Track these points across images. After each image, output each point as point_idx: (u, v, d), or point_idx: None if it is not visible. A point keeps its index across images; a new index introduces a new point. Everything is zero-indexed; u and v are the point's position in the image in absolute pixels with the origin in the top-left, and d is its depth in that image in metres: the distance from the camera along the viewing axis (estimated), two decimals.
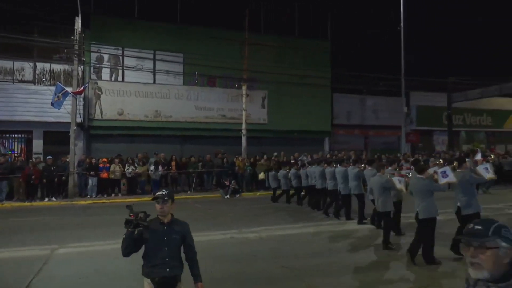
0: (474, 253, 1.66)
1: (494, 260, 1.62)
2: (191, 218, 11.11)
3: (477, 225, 1.72)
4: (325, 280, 5.73)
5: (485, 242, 1.64)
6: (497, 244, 1.63)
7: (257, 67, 18.76)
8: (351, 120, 24.58)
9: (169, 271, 3.32)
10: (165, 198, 3.43)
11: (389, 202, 7.71)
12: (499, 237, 1.64)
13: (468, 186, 6.79)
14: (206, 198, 15.63)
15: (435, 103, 25.85)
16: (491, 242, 1.63)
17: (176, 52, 19.28)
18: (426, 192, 6.51)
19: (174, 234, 3.42)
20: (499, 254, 1.62)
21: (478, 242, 1.65)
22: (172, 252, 3.36)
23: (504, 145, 29.47)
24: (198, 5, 20.91)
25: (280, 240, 8.25)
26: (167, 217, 3.46)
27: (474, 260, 1.65)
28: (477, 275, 1.66)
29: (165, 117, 19.47)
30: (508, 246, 1.63)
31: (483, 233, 1.66)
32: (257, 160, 18.21)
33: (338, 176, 10.63)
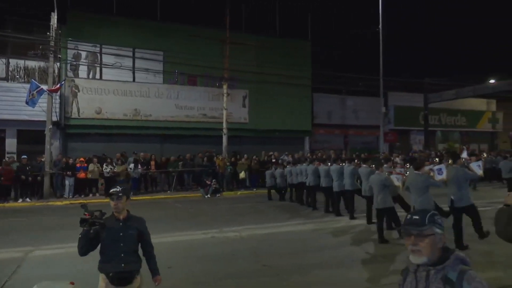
0: (414, 241, 1.83)
1: (431, 246, 1.81)
2: (172, 217, 11.05)
3: (415, 215, 1.89)
4: (304, 278, 5.78)
5: (423, 230, 1.82)
6: (433, 231, 1.83)
7: (238, 66, 18.73)
8: (331, 119, 24.88)
9: (124, 266, 3.35)
10: (119, 195, 3.42)
11: (389, 198, 7.96)
12: (434, 224, 1.84)
13: (461, 181, 7.12)
14: (186, 198, 15.51)
15: (412, 103, 26.48)
16: (428, 230, 1.82)
17: (156, 50, 19.04)
18: (423, 188, 6.85)
19: (130, 230, 3.44)
20: (435, 240, 1.82)
21: (417, 230, 1.83)
22: (128, 247, 3.39)
23: (478, 145, 30.48)
24: (179, 2, 20.74)
25: (260, 239, 8.26)
26: (123, 213, 3.47)
27: (415, 247, 1.83)
28: (417, 260, 1.84)
29: (144, 116, 19.19)
30: (441, 232, 1.84)
31: (421, 222, 1.84)
32: (238, 159, 18.21)
33: (334, 173, 10.93)
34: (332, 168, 11.15)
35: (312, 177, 11.95)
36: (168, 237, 8.42)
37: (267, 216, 11.10)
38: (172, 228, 9.27)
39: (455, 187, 7.14)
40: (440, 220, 1.87)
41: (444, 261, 1.81)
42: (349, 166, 10.60)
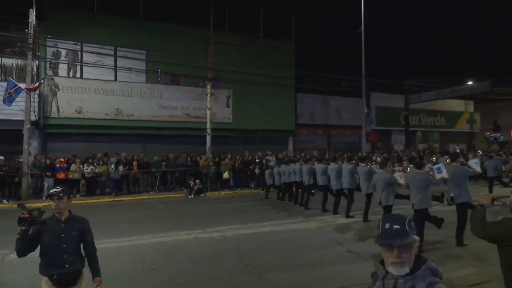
0: (398, 253, 1.69)
1: (412, 255, 1.71)
2: (155, 218, 10.94)
3: (395, 224, 1.73)
4: (288, 277, 5.81)
5: (407, 241, 1.69)
6: (415, 240, 1.71)
7: (222, 66, 18.67)
8: (314, 120, 25.08)
9: (68, 267, 3.32)
10: (60, 195, 3.38)
11: (392, 196, 8.26)
12: (413, 232, 1.72)
13: (460, 178, 7.46)
14: (169, 198, 15.39)
15: (393, 104, 26.93)
16: (410, 240, 1.70)
17: (139, 49, 18.80)
18: (423, 186, 7.15)
19: (72, 230, 3.42)
20: (414, 249, 1.72)
21: (400, 242, 1.69)
22: (69, 248, 3.36)
23: (456, 144, 31.26)
24: (162, 1, 20.54)
25: (244, 239, 8.27)
26: (64, 214, 3.44)
27: (398, 260, 1.69)
28: (399, 272, 1.71)
29: (126, 115, 18.93)
30: (418, 239, 1.73)
31: (404, 232, 1.70)
32: (222, 159, 18.16)
33: (332, 172, 11.18)
34: (330, 167, 11.42)
35: (308, 176, 12.18)
36: (151, 238, 8.34)
37: (251, 216, 11.11)
38: (155, 229, 9.18)
39: (454, 184, 7.49)
40: (415, 226, 1.79)
41: (415, 271, 1.70)
42: (348, 165, 10.94)
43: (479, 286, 5.28)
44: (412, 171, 7.85)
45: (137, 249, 7.55)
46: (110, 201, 14.63)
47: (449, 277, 5.62)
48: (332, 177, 11.19)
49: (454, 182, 7.51)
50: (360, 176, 10.24)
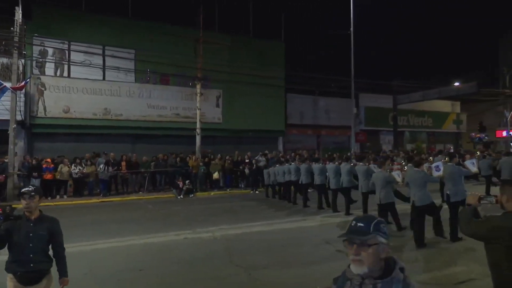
0: (357, 250, 1.71)
1: (374, 256, 1.70)
2: (144, 219, 10.85)
3: (359, 222, 1.76)
4: (278, 276, 5.82)
5: (366, 239, 1.70)
6: (377, 241, 1.71)
7: (212, 66, 18.62)
8: (304, 120, 25.18)
9: (33, 266, 3.35)
10: (31, 194, 3.38)
11: (391, 194, 8.44)
12: (378, 233, 1.72)
13: (456, 177, 7.79)
14: (159, 199, 15.28)
15: (382, 104, 27.20)
16: (372, 239, 1.71)
17: (127, 48, 18.64)
18: (422, 183, 7.43)
19: (41, 230, 3.42)
20: (378, 250, 1.71)
21: (360, 239, 1.71)
22: (36, 248, 3.38)
23: (443, 145, 31.71)
24: (151, 0, 20.39)
25: (234, 239, 8.25)
26: (35, 213, 3.44)
27: (357, 257, 1.72)
28: (358, 270, 1.72)
29: (115, 115, 18.74)
30: (386, 241, 1.73)
31: (365, 230, 1.72)
32: (212, 159, 18.10)
33: (330, 171, 11.41)
34: (329, 166, 11.66)
35: (305, 176, 12.42)
36: (140, 239, 8.27)
37: (241, 216, 11.10)
38: (144, 230, 9.10)
39: (450, 183, 7.78)
40: (386, 229, 1.77)
41: (391, 273, 1.71)
42: (346, 165, 11.20)
43: (465, 284, 5.36)
44: (411, 170, 8.08)
45: (126, 250, 7.48)
46: (99, 202, 14.46)
47: (435, 276, 5.70)
48: (331, 176, 11.41)
49: (450, 181, 7.81)
50: (359, 175, 10.43)
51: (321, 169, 11.91)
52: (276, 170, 14.24)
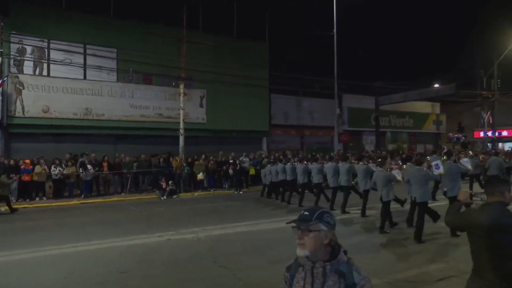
0: (300, 235, 1.95)
1: (314, 241, 1.92)
2: (126, 220, 10.70)
3: (306, 212, 2.00)
4: (261, 276, 5.83)
5: (309, 226, 1.93)
6: (318, 228, 1.93)
7: (196, 65, 18.52)
8: (288, 120, 25.31)
9: None
10: None
11: (391, 192, 8.79)
12: (320, 221, 1.94)
13: (454, 174, 8.36)
14: (141, 200, 15.10)
15: (364, 105, 27.58)
16: (314, 226, 1.93)
17: (109, 47, 18.36)
18: (423, 181, 7.82)
19: None
20: (319, 236, 1.92)
21: (304, 226, 1.94)
22: None
23: (423, 145, 32.39)
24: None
25: (218, 240, 8.22)
26: None
27: (300, 241, 1.94)
28: (301, 253, 1.95)
29: (96, 115, 18.43)
30: (327, 229, 1.94)
31: (308, 218, 1.95)
32: (195, 159, 17.99)
33: (329, 171, 11.73)
34: (327, 166, 12.04)
35: (302, 176, 12.67)
36: (122, 241, 8.15)
37: (225, 217, 11.07)
38: (126, 232, 8.98)
39: (448, 179, 8.29)
40: (329, 219, 1.96)
41: (336, 256, 1.94)
42: (344, 164, 11.47)
43: (443, 281, 5.48)
44: (412, 168, 8.41)
45: (108, 252, 7.36)
46: (79, 203, 14.18)
47: (416, 273, 5.82)
48: (329, 176, 11.73)
49: (448, 177, 8.29)
50: (358, 174, 10.77)
51: (319, 168, 12.25)
52: (267, 170, 14.50)
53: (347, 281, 1.89)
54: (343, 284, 1.89)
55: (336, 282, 1.90)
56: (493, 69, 26.62)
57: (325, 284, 1.91)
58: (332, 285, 1.90)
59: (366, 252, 6.86)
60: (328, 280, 1.91)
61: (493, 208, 2.96)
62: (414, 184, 7.91)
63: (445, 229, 8.18)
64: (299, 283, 1.99)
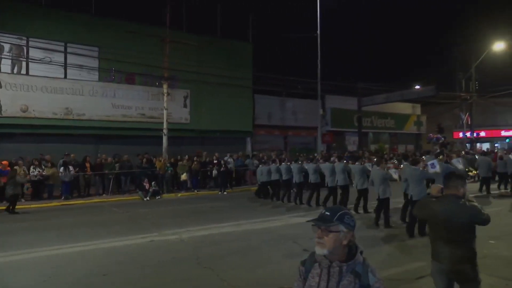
0: (320, 234, 1.99)
1: (334, 241, 1.96)
2: (108, 222, 10.54)
3: (327, 211, 2.04)
4: (245, 276, 5.84)
5: (329, 226, 1.97)
6: (339, 229, 1.97)
7: (179, 65, 18.39)
8: (272, 120, 25.38)
9: None
10: None
11: (388, 189, 9.17)
12: (341, 223, 1.98)
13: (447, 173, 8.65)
14: (124, 201, 14.90)
15: (347, 106, 27.88)
16: (334, 227, 1.97)
17: (91, 46, 18.04)
18: (420, 179, 8.24)
19: None
20: (339, 237, 1.97)
21: (324, 225, 1.99)
22: None
23: (405, 145, 32.98)
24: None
25: (202, 241, 8.19)
26: None
27: (320, 240, 1.99)
28: (319, 251, 1.99)
29: (77, 115, 18.08)
30: (347, 230, 1.98)
31: (329, 218, 1.99)
32: (179, 160, 17.86)
33: (326, 170, 12.09)
34: (324, 165, 12.43)
35: (298, 175, 13.08)
36: (103, 243, 8.03)
37: (209, 218, 11.02)
38: (109, 233, 8.84)
39: (441, 178, 8.41)
40: (350, 220, 2.00)
41: (353, 257, 1.98)
42: (340, 164, 11.81)
43: (424, 279, 5.60)
44: (408, 167, 8.87)
45: (89, 255, 7.23)
46: (60, 205, 13.89)
47: (397, 272, 5.93)
48: (327, 175, 12.05)
49: (442, 176, 8.61)
50: (355, 173, 11.11)
51: (315, 168, 12.62)
52: (259, 170, 14.87)
53: (362, 282, 1.94)
54: (358, 284, 1.93)
55: (352, 282, 1.94)
56: (471, 72, 27.32)
57: (341, 283, 1.96)
58: (347, 284, 1.94)
59: None
60: (343, 280, 1.96)
61: (447, 200, 3.44)
62: (411, 183, 8.31)
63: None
64: (314, 278, 2.04)
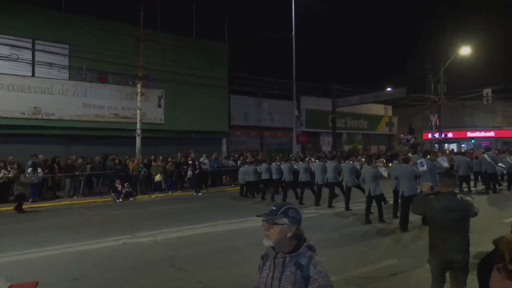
0: (267, 227, 2.14)
1: (278, 233, 2.10)
2: (79, 225, 10.23)
3: (274, 207, 2.19)
4: (220, 277, 5.81)
5: (274, 219, 2.12)
6: (282, 221, 2.11)
7: (154, 65, 18.10)
8: (248, 121, 25.40)
9: None
10: None
11: (379, 187, 9.70)
12: (285, 216, 2.12)
13: (433, 171, 9.65)
14: (95, 203, 14.50)
15: (322, 107, 28.27)
16: (278, 219, 2.12)
17: (61, 43, 17.48)
18: (410, 177, 8.81)
19: None
20: (283, 229, 2.11)
21: (269, 219, 2.14)
22: None
23: (377, 146, 33.79)
24: None
25: (176, 243, 8.08)
26: None
27: (266, 232, 2.14)
28: (266, 243, 2.14)
29: (46, 114, 17.47)
30: (290, 223, 2.11)
31: (274, 212, 2.15)
32: (153, 160, 17.56)
33: (317, 169, 12.60)
34: (315, 164, 13.06)
35: (287, 174, 13.60)
36: (73, 246, 7.78)
37: (183, 219, 10.88)
38: (80, 236, 8.58)
39: (429, 175, 9.38)
40: (294, 214, 2.14)
41: (298, 249, 2.10)
42: (332, 163, 12.44)
43: (397, 276, 5.75)
44: (399, 165, 9.52)
45: (59, 259, 6.99)
46: (27, 207, 13.35)
47: (370, 270, 6.05)
48: (317, 173, 12.53)
49: (428, 174, 9.41)
50: (345, 172, 11.83)
51: (306, 167, 13.20)
52: (245, 170, 15.18)
53: (303, 273, 2.03)
54: (299, 275, 2.03)
55: (293, 273, 2.04)
56: (440, 75, 28.30)
57: (284, 273, 2.07)
58: (289, 275, 2.05)
59: (330, 247, 6.98)
60: (286, 270, 2.07)
61: (444, 196, 3.92)
62: (402, 180, 8.88)
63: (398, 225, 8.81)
64: (266, 270, 2.18)
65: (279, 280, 2.07)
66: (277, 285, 2.07)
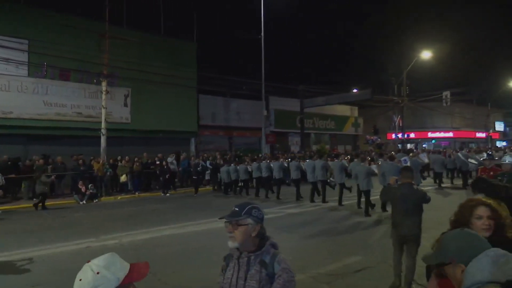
0: (231, 228, 2.11)
1: (243, 234, 2.08)
2: (39, 228, 9.79)
3: (236, 207, 2.16)
4: (187, 278, 5.74)
5: (238, 220, 2.09)
6: (247, 222, 2.09)
7: (119, 63, 17.63)
8: (216, 121, 25.27)
9: None
10: None
11: (370, 182, 10.84)
12: (249, 216, 2.10)
13: (416, 167, 10.90)
14: (57, 205, 13.91)
15: (290, 107, 28.58)
16: (243, 220, 2.09)
17: (19, 38, 16.65)
18: (396, 173, 9.03)
19: None
20: (248, 229, 2.09)
21: (233, 220, 2.10)
22: None
23: (344, 146, 34.59)
24: None
25: (143, 245, 7.92)
26: None
27: (231, 234, 2.11)
28: (232, 245, 2.12)
29: (3, 113, 16.60)
30: (254, 223, 2.10)
31: (238, 213, 2.11)
32: (119, 161, 17.09)
33: (308, 167, 13.47)
34: (306, 163, 14.20)
35: (278, 172, 14.51)
36: (33, 251, 7.43)
37: (151, 220, 10.66)
38: (39, 241, 8.20)
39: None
40: (258, 213, 2.12)
41: (261, 248, 2.10)
42: (320, 161, 13.33)
43: (361, 272, 5.91)
44: (386, 163, 10.96)
45: (18, 264, 6.65)
46: None
47: (337, 267, 6.18)
48: (308, 171, 13.37)
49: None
50: (335, 170, 12.92)
51: (297, 166, 14.26)
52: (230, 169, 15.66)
53: (268, 271, 2.04)
54: (264, 273, 2.03)
55: (258, 271, 2.05)
56: (403, 78, 29.37)
57: (249, 272, 2.07)
58: (254, 273, 2.05)
59: (297, 246, 7.08)
60: (251, 269, 2.07)
61: (404, 186, 5.01)
62: (389, 176, 9.35)
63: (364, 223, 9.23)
64: (230, 271, 2.15)
65: (244, 280, 2.06)
66: (242, 284, 2.06)
